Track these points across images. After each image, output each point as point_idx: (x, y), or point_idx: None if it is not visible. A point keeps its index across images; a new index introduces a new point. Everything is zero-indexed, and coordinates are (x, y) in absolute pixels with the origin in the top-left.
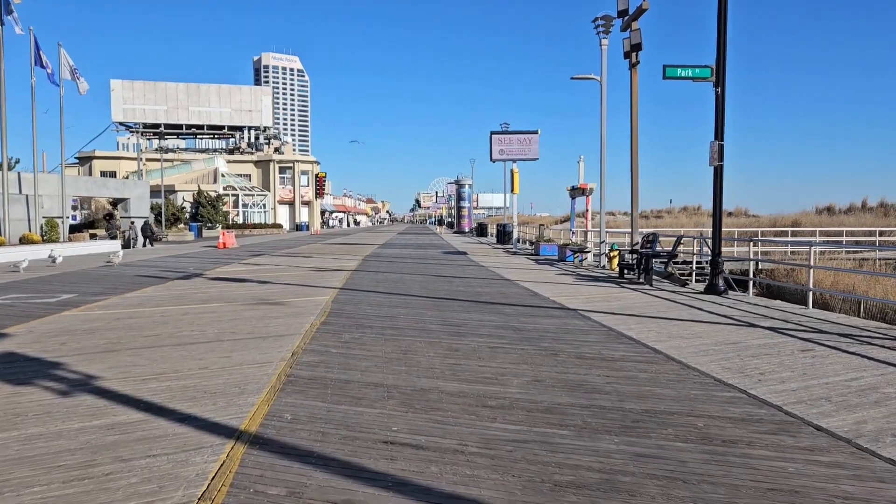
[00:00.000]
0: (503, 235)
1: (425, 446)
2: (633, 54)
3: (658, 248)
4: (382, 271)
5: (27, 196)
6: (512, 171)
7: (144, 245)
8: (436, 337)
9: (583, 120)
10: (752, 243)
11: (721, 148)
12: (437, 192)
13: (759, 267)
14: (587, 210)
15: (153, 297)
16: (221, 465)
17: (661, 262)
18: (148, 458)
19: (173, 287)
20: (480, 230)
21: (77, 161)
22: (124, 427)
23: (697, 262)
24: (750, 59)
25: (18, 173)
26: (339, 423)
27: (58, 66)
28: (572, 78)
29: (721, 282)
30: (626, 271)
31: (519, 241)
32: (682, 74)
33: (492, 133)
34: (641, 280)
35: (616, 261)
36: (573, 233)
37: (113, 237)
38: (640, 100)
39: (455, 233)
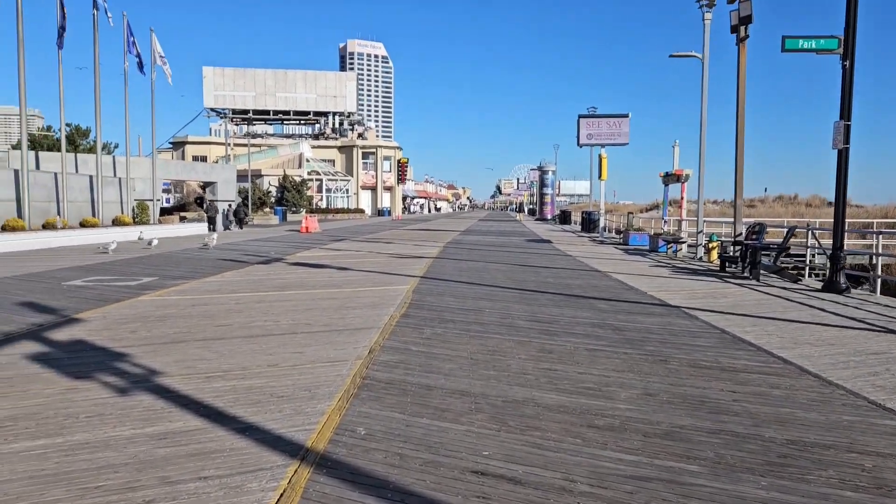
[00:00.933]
0: (588, 223)
1: (524, 480)
2: (742, 28)
3: (765, 240)
4: (465, 259)
5: (120, 179)
6: (600, 157)
7: (233, 227)
8: (525, 335)
9: (669, 103)
10: (876, 235)
11: (847, 129)
12: (518, 179)
13: (877, 262)
14: (682, 198)
15: (231, 282)
16: (281, 495)
17: (769, 256)
18: (198, 482)
19: (252, 272)
20: (563, 218)
21: (171, 146)
22: (178, 437)
23: (808, 256)
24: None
25: (113, 157)
26: (419, 443)
27: (149, 53)
28: (671, 56)
29: (843, 279)
30: (727, 264)
31: (605, 230)
32: (805, 46)
33: (580, 116)
34: (747, 274)
35: (715, 252)
36: (665, 221)
37: (212, 219)
38: (728, 81)
39: (537, 220)
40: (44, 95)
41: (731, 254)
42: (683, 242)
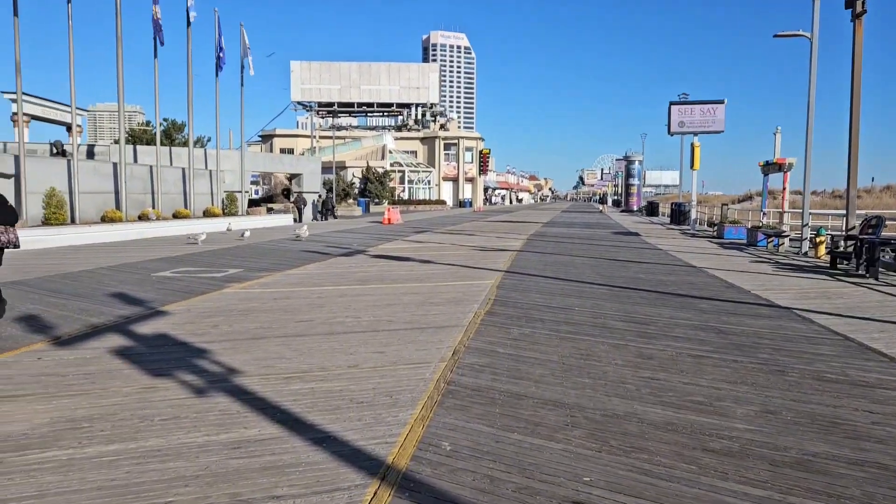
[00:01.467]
0: (678, 215)
1: None
2: (858, 2)
3: (883, 234)
4: (549, 252)
5: (210, 171)
6: (692, 146)
7: (324, 219)
8: (620, 337)
9: (758, 89)
10: None
11: None
12: (602, 170)
13: None
14: (784, 188)
15: (313, 274)
16: None
17: (888, 252)
18: (270, 502)
19: (335, 265)
20: (650, 209)
21: (260, 139)
22: (252, 447)
23: None
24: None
25: (205, 150)
26: (511, 463)
27: (240, 47)
28: (776, 36)
29: None
30: (838, 260)
31: (696, 223)
32: None
33: (671, 104)
34: (863, 272)
35: (823, 247)
36: (764, 213)
37: (301, 211)
38: (835, 67)
39: (622, 211)
40: (146, 93)
41: (844, 249)
42: (786, 236)
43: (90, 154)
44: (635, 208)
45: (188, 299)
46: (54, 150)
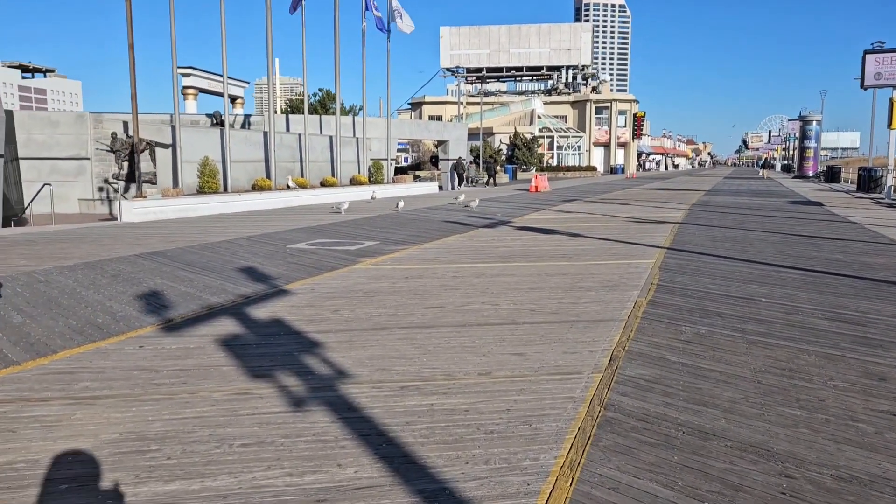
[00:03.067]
0: (868, 182)
1: None
2: None
3: None
4: (717, 225)
5: (357, 139)
6: (891, 101)
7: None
8: (831, 344)
9: None
10: None
11: None
12: (769, 132)
13: None
14: None
15: (451, 248)
16: None
17: None
18: None
19: (476, 237)
20: (830, 174)
21: (410, 107)
22: (342, 497)
23: None
24: None
25: (353, 118)
26: None
27: (386, 12)
28: None
29: None
30: None
31: (893, 190)
32: None
33: (866, 52)
34: None
35: None
36: None
37: (461, 177)
38: None
39: (795, 177)
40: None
41: None
42: None
43: (247, 124)
44: (811, 174)
45: (314, 276)
46: (213, 121)
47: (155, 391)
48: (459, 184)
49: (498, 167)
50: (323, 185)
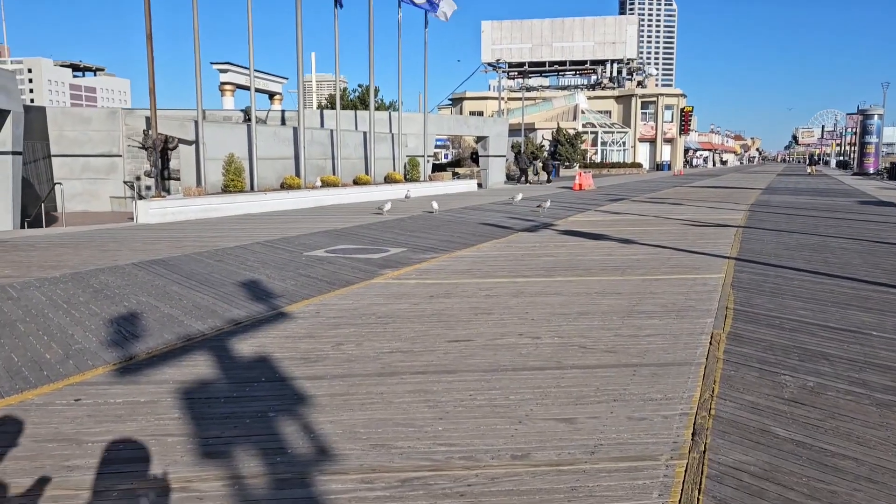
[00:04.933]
0: None
1: None
2: None
3: None
4: (786, 230)
5: (392, 135)
6: None
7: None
8: None
9: None
10: None
11: None
12: (822, 127)
13: None
14: None
15: (487, 257)
16: None
17: None
18: None
19: (515, 242)
20: (893, 172)
21: (450, 103)
22: None
23: None
24: None
25: (389, 113)
26: None
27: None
28: None
29: None
30: None
31: None
32: None
33: None
34: None
35: None
36: None
37: (524, 171)
38: None
39: (854, 174)
40: (349, 62)
41: None
42: None
43: (282, 120)
44: (871, 171)
45: (324, 294)
46: (246, 117)
47: (60, 482)
48: (524, 180)
49: (540, 163)
50: (356, 183)
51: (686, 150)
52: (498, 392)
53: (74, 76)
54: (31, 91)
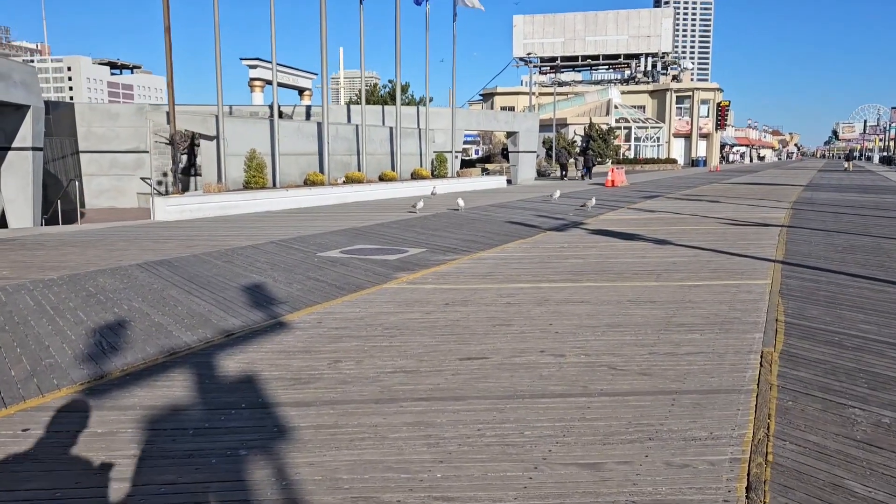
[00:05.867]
0: None
1: None
2: None
3: None
4: (834, 230)
5: (419, 130)
6: None
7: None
8: None
9: None
10: None
11: None
12: (865, 122)
13: None
14: None
15: (511, 259)
16: None
17: None
18: None
19: (542, 242)
20: None
21: (481, 98)
22: None
23: None
24: None
25: (417, 108)
26: None
27: None
28: None
29: None
30: None
31: None
32: None
33: None
34: None
35: None
36: None
37: (564, 167)
38: None
39: None
40: (382, 59)
41: None
42: None
43: (308, 115)
44: None
45: (330, 301)
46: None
47: None
48: (564, 175)
49: (572, 159)
50: (381, 179)
51: (722, 146)
52: (512, 426)
53: (112, 73)
54: (71, 89)
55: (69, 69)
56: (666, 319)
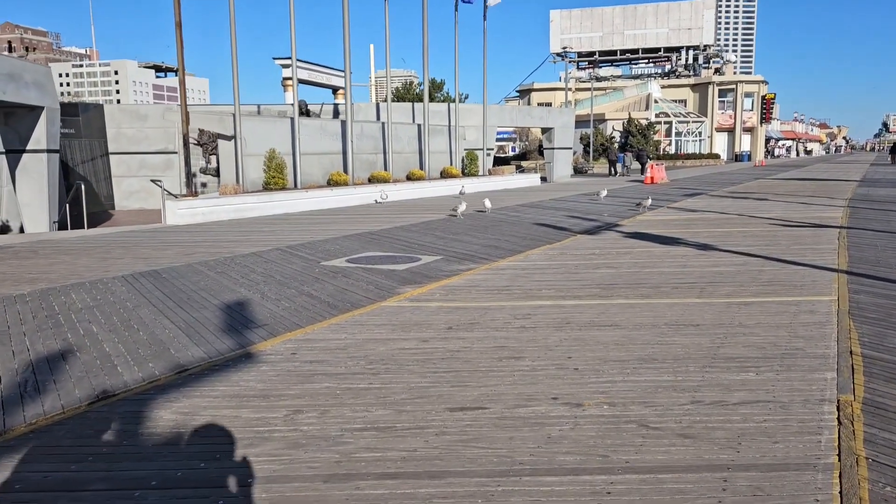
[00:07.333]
0: None
1: None
2: None
3: None
4: None
5: (449, 127)
6: None
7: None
8: None
9: None
10: None
11: None
12: None
13: None
14: None
15: (533, 269)
16: None
17: None
18: None
19: (570, 249)
20: None
21: (518, 94)
22: None
23: None
24: None
25: (447, 104)
26: None
27: None
28: None
29: None
30: None
31: None
32: None
33: None
34: None
35: None
36: None
37: (613, 163)
38: None
39: None
40: (417, 54)
41: None
42: None
43: (336, 114)
44: None
45: (316, 323)
46: (301, 111)
47: None
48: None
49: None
50: (409, 178)
51: (767, 140)
52: None
53: (157, 76)
54: (118, 91)
55: (116, 73)
56: (712, 351)
